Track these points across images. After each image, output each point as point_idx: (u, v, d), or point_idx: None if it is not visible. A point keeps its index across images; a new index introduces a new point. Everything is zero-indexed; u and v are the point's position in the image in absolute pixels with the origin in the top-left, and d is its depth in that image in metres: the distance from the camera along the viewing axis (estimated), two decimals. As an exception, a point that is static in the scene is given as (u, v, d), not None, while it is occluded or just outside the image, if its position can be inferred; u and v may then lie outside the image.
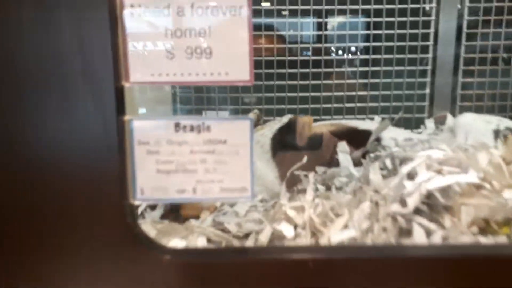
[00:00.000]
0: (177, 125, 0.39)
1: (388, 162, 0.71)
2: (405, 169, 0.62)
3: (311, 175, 0.68)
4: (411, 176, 0.61)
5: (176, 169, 0.40)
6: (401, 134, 0.89)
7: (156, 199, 0.40)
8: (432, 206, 0.57)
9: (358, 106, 1.18)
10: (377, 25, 1.15)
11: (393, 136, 0.85)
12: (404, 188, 0.58)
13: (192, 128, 0.40)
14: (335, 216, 0.58)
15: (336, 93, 1.17)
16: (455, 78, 1.17)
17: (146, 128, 0.39)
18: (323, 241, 0.54)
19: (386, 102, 1.18)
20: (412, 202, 0.55)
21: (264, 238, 0.57)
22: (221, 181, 0.40)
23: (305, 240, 0.56)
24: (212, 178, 0.40)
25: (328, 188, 0.73)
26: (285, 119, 1.04)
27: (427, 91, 1.18)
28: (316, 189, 0.74)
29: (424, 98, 1.18)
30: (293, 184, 0.80)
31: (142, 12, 0.38)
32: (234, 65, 0.39)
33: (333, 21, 1.23)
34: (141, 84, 0.39)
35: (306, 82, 1.17)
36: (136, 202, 0.40)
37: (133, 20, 0.38)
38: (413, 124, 1.16)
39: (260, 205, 0.71)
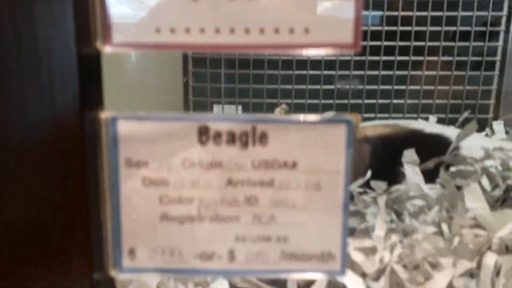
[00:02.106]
0: (203, 131, 0.20)
1: (485, 182, 0.51)
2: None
3: (382, 198, 0.49)
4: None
5: (199, 216, 0.21)
6: (479, 140, 0.68)
7: (158, 269, 0.21)
8: None
9: (408, 103, 0.98)
10: (435, 5, 0.95)
11: (471, 144, 0.65)
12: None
13: (232, 138, 0.20)
14: (429, 265, 0.39)
15: (382, 87, 0.97)
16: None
17: (143, 136, 0.20)
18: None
19: (443, 99, 0.97)
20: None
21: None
22: (284, 239, 0.21)
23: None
24: (266, 234, 0.21)
25: (398, 216, 0.53)
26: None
27: (494, 86, 0.97)
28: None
29: (489, 96, 0.98)
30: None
31: None
32: (319, 14, 0.19)
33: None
34: (135, 48, 0.20)
35: (347, 72, 0.96)
36: (122, 276, 0.21)
37: None
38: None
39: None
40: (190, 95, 0.96)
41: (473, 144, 0.64)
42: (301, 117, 0.20)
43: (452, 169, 0.57)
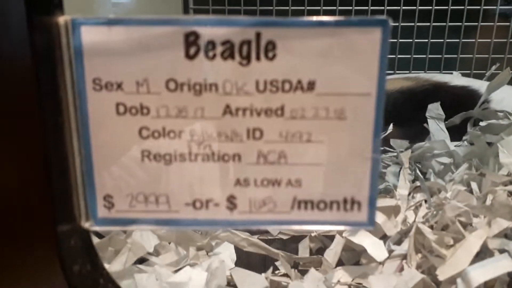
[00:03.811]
0: (191, 41, 0.15)
1: (520, 136, 0.46)
2: None
3: (406, 153, 0.44)
4: None
5: (190, 153, 0.16)
6: (511, 92, 0.62)
7: (141, 219, 0.17)
8: None
9: (429, 57, 0.91)
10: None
11: (502, 96, 0.59)
12: None
13: (230, 49, 0.15)
14: (461, 226, 0.34)
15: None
16: None
17: (114, 48, 0.15)
18: (444, 276, 0.31)
19: (468, 54, 0.90)
20: None
21: (331, 259, 0.34)
22: (297, 183, 0.17)
23: (409, 271, 0.32)
24: (275, 176, 0.17)
25: (422, 175, 0.48)
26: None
27: (524, 39, 0.89)
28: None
29: (518, 49, 0.90)
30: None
31: None
32: None
33: None
34: None
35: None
36: (96, 227, 0.17)
37: None
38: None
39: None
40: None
41: (504, 96, 0.58)
42: (321, 19, 0.15)
43: (482, 124, 0.52)
